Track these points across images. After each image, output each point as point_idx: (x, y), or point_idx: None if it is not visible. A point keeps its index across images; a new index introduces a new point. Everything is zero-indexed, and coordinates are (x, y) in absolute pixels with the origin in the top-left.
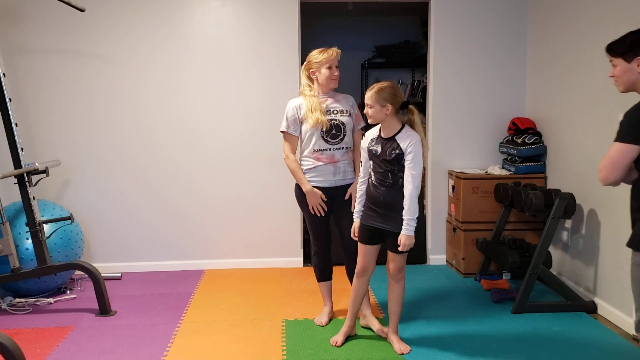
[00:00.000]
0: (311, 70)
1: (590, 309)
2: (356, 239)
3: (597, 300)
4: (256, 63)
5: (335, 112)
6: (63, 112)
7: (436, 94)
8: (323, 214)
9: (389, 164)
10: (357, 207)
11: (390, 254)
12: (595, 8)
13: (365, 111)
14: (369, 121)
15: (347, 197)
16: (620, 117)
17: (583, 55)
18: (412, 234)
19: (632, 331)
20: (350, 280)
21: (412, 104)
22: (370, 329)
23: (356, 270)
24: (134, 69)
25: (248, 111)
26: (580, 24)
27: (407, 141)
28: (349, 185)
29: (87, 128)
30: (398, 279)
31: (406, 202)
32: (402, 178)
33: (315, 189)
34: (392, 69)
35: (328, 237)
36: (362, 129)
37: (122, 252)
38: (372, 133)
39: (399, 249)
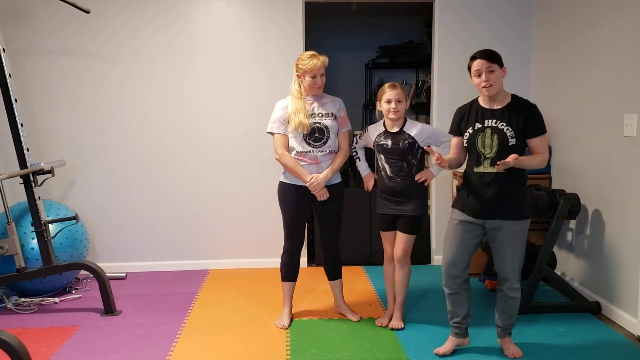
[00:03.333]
0: (297, 73)
1: (595, 309)
2: (369, 190)
3: (601, 301)
4: (260, 63)
5: (320, 115)
6: (68, 113)
7: (440, 95)
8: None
9: (404, 153)
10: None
11: (399, 236)
12: (599, 9)
13: (393, 107)
14: (396, 115)
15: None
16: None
17: (587, 56)
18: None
19: (637, 332)
20: (327, 272)
21: (416, 105)
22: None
23: (384, 257)
24: (139, 70)
25: (252, 111)
26: (585, 25)
27: (417, 128)
28: (332, 186)
29: (91, 128)
30: (403, 263)
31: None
32: (415, 166)
33: (316, 174)
34: (396, 69)
35: (302, 237)
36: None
37: (127, 252)
38: (376, 129)
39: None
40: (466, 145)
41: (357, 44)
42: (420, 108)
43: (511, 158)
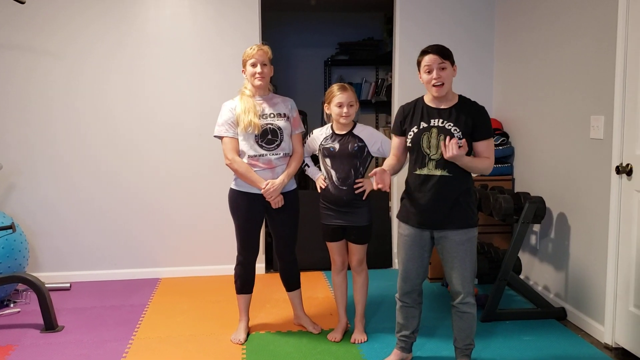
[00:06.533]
0: (243, 69)
1: (560, 315)
2: (323, 187)
3: (567, 306)
4: (214, 60)
5: (271, 115)
6: (14, 112)
7: (401, 93)
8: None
9: (353, 158)
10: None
11: (351, 247)
12: (564, 3)
13: (345, 111)
14: (348, 120)
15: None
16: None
17: (551, 56)
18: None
19: (604, 339)
20: (285, 283)
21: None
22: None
23: (333, 268)
24: (88, 66)
25: (206, 110)
26: (550, 19)
27: (367, 131)
28: (287, 193)
29: (26, 131)
30: (359, 271)
31: None
32: (362, 175)
33: (272, 180)
34: (356, 67)
35: (257, 247)
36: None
37: (71, 260)
38: (322, 132)
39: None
40: (410, 145)
41: (315, 41)
42: (380, 106)
43: (462, 149)
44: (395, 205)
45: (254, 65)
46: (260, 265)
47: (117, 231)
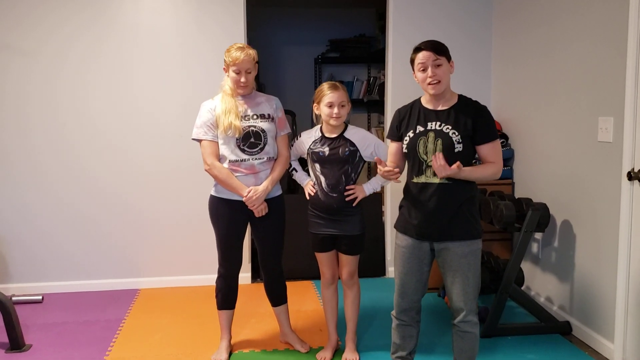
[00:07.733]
0: (224, 67)
1: (565, 330)
2: (312, 194)
3: (572, 320)
4: (196, 58)
5: (254, 117)
6: None
7: (394, 92)
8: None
9: (344, 163)
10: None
11: (342, 258)
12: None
13: (336, 112)
14: (338, 122)
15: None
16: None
17: (554, 54)
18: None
19: (612, 357)
20: (270, 297)
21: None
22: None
23: (322, 281)
24: (57, 63)
25: (187, 110)
26: (552, 13)
27: (360, 135)
28: (271, 199)
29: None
30: (351, 284)
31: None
32: (354, 181)
33: (254, 187)
34: (347, 64)
35: (239, 259)
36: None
37: (44, 271)
38: (311, 135)
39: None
40: (406, 151)
41: (305, 37)
42: (372, 106)
43: (454, 166)
44: (388, 210)
45: (237, 73)
46: (245, 275)
47: (94, 239)
